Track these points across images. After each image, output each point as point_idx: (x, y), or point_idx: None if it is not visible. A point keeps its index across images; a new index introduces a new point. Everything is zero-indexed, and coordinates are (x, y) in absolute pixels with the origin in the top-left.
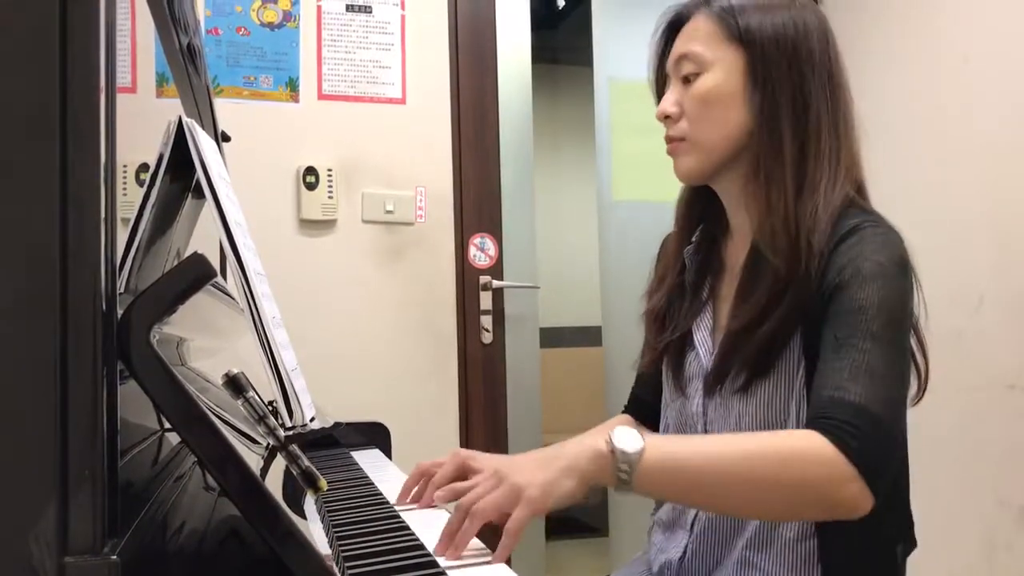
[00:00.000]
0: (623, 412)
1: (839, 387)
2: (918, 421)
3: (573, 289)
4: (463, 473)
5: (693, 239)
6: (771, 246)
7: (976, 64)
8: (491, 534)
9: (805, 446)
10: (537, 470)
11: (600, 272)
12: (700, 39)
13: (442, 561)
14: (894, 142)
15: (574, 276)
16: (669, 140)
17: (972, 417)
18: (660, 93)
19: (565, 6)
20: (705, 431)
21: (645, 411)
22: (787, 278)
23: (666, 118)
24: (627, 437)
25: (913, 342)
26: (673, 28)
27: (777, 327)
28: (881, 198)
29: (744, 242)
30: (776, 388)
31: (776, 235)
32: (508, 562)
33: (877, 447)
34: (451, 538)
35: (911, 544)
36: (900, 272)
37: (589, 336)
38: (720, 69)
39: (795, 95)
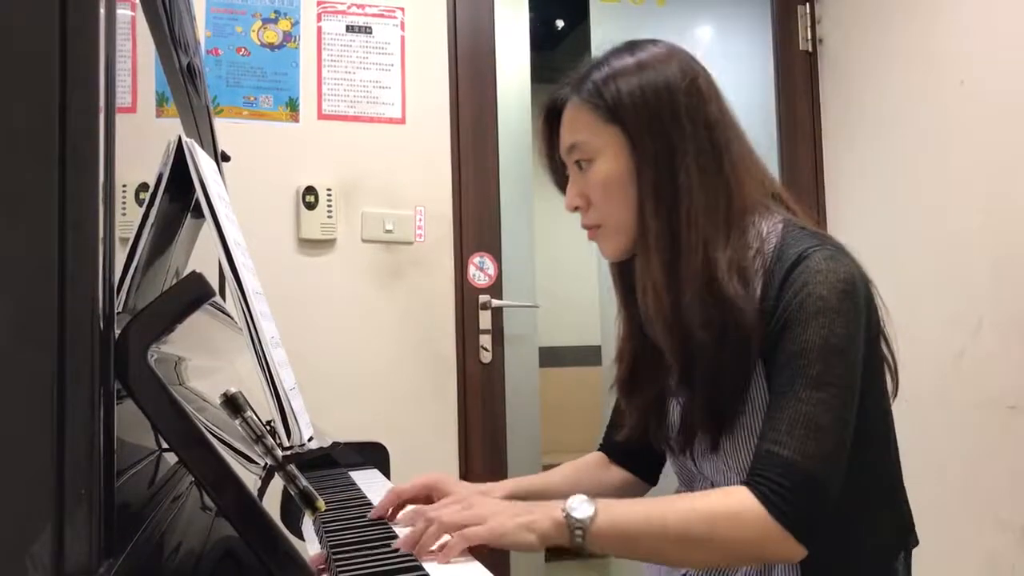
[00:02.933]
0: (599, 449)
1: (776, 441)
2: (918, 441)
3: (572, 308)
4: (429, 494)
5: None
6: (648, 327)
7: (972, 87)
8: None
9: (736, 507)
10: (505, 514)
11: (599, 291)
12: (581, 126)
13: None
14: (891, 164)
15: (573, 295)
16: (587, 227)
17: (973, 438)
18: (555, 175)
19: (564, 27)
20: (702, 474)
21: (617, 451)
22: (713, 343)
23: (575, 209)
24: (580, 505)
25: (883, 347)
26: (553, 117)
27: (719, 392)
28: (879, 220)
29: None
30: (754, 424)
31: (652, 307)
32: None
33: (805, 505)
34: (414, 543)
35: (914, 542)
36: (845, 299)
37: (588, 355)
38: (608, 153)
39: (661, 164)
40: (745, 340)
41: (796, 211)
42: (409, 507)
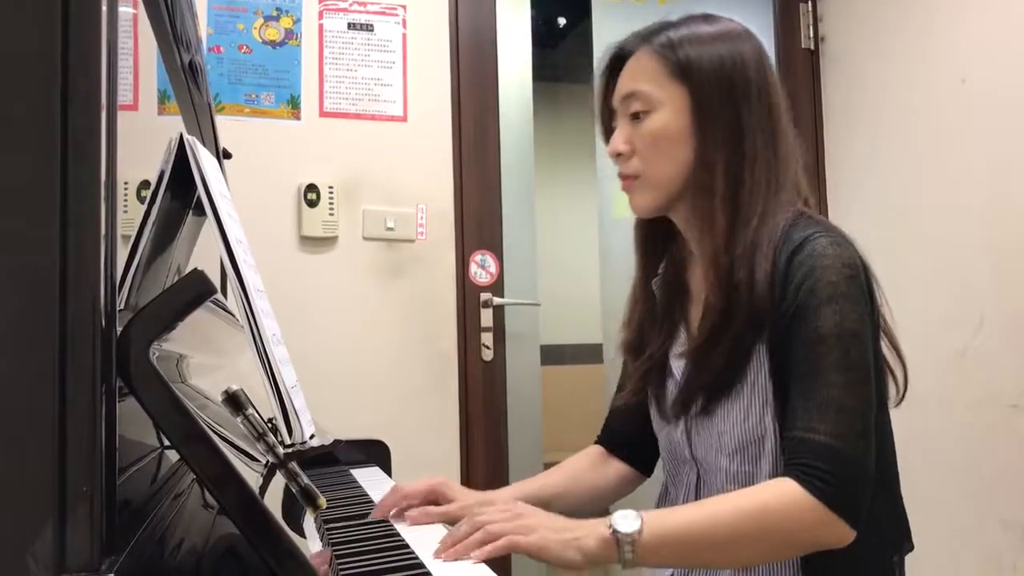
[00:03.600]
0: (595, 443)
1: (808, 428)
2: (920, 439)
3: (574, 306)
4: (434, 497)
5: (660, 270)
6: (709, 283)
7: (974, 85)
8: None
9: (784, 499)
10: (551, 529)
11: (601, 289)
12: (646, 77)
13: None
14: (893, 162)
15: (575, 293)
16: (623, 177)
17: (974, 437)
18: (606, 126)
19: (566, 25)
20: (691, 455)
21: (616, 442)
22: (727, 309)
23: (617, 155)
24: (625, 519)
25: (886, 346)
26: (616, 63)
27: (730, 354)
28: (881, 218)
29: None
30: (750, 404)
31: (710, 272)
32: None
33: (850, 486)
34: (454, 543)
35: (908, 547)
36: (852, 284)
37: (590, 354)
38: (668, 108)
39: (731, 130)
40: (756, 312)
41: (811, 205)
42: (414, 510)
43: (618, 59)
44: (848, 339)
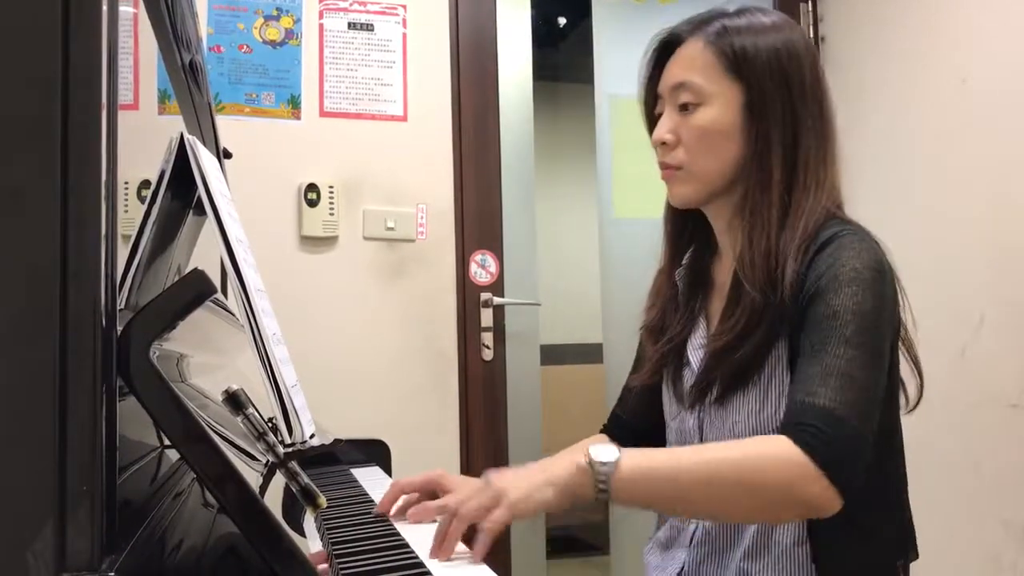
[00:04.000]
0: (600, 431)
1: (809, 392)
2: (920, 440)
3: (574, 306)
4: (432, 489)
5: (684, 260)
6: (749, 278)
7: (974, 85)
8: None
9: (770, 450)
10: (520, 479)
11: (601, 289)
12: (698, 68)
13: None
14: (893, 162)
15: (575, 293)
16: (664, 166)
17: (974, 437)
18: (649, 113)
19: (566, 24)
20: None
21: (623, 431)
22: (764, 305)
23: (662, 144)
24: (603, 451)
25: (902, 353)
26: (666, 49)
27: (753, 349)
28: (881, 218)
29: (731, 262)
30: (766, 398)
31: (755, 267)
32: None
33: (841, 446)
34: (441, 540)
35: (913, 556)
36: (876, 277)
37: (590, 353)
38: (719, 102)
39: (786, 129)
40: (782, 308)
41: (844, 215)
42: (416, 505)
43: (668, 45)
44: (863, 318)
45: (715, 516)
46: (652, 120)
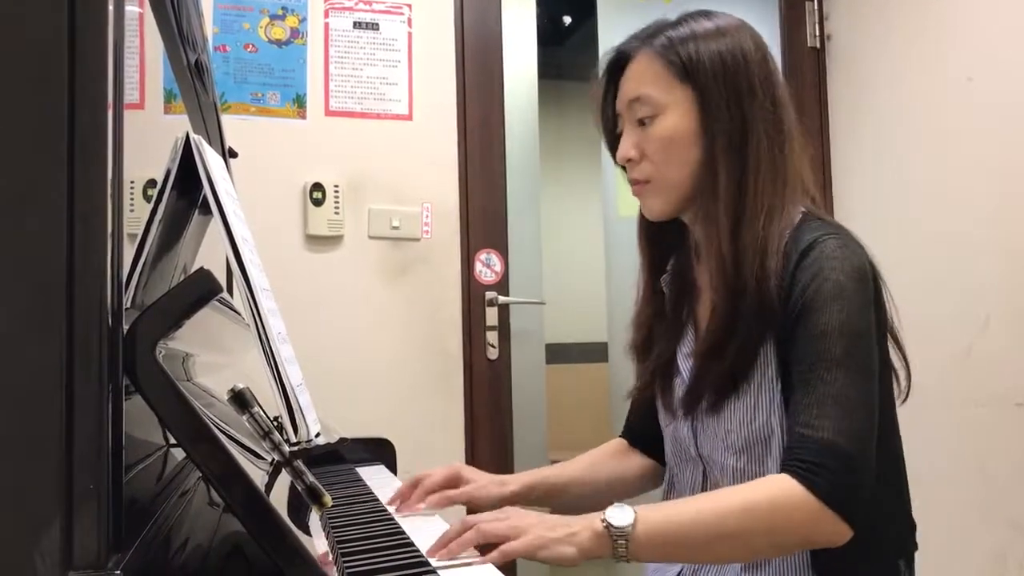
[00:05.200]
0: (620, 436)
1: (808, 424)
2: (926, 439)
3: (579, 305)
4: (455, 482)
5: (668, 267)
6: (714, 283)
7: (980, 84)
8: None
9: (779, 494)
10: (543, 527)
11: (606, 288)
12: (650, 80)
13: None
14: (899, 161)
15: (580, 292)
16: (634, 182)
17: (980, 435)
18: (609, 133)
19: (571, 23)
20: (698, 454)
21: (638, 437)
22: (735, 307)
23: (628, 161)
24: (619, 514)
25: (890, 346)
26: (616, 67)
27: (737, 354)
28: (886, 217)
29: None
30: (757, 403)
31: (715, 271)
32: None
33: (847, 483)
34: (446, 543)
35: (914, 548)
36: (859, 287)
37: (595, 353)
38: (675, 110)
39: (733, 130)
40: (765, 311)
41: (821, 207)
42: (434, 496)
43: (618, 63)
44: (852, 337)
45: (735, 561)
46: (612, 141)
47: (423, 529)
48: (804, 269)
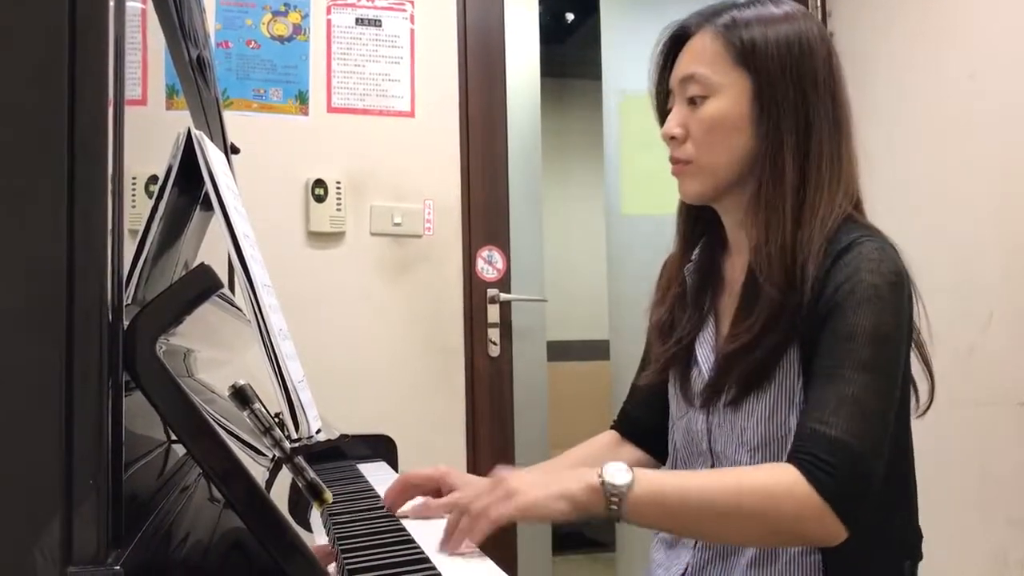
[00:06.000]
0: (611, 428)
1: (822, 420)
2: (928, 437)
3: (581, 303)
4: (438, 486)
5: (693, 256)
6: (766, 274)
7: (983, 81)
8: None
9: (779, 482)
10: (535, 485)
11: (608, 286)
12: (706, 60)
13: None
14: (901, 158)
15: (582, 290)
16: (675, 161)
17: (982, 434)
18: (661, 107)
19: (574, 20)
20: (710, 448)
21: (633, 427)
22: (782, 303)
23: (671, 139)
24: (617, 471)
25: (915, 357)
26: (676, 42)
27: (770, 350)
28: (889, 214)
29: (743, 259)
30: (776, 403)
31: (772, 263)
32: None
33: (851, 483)
34: (450, 535)
35: (919, 558)
36: (894, 290)
37: (597, 350)
38: (728, 94)
39: (799, 121)
40: (799, 310)
41: (862, 212)
42: (418, 499)
43: (678, 39)
44: (880, 341)
45: (723, 541)
46: (664, 116)
47: (424, 525)
48: (839, 269)
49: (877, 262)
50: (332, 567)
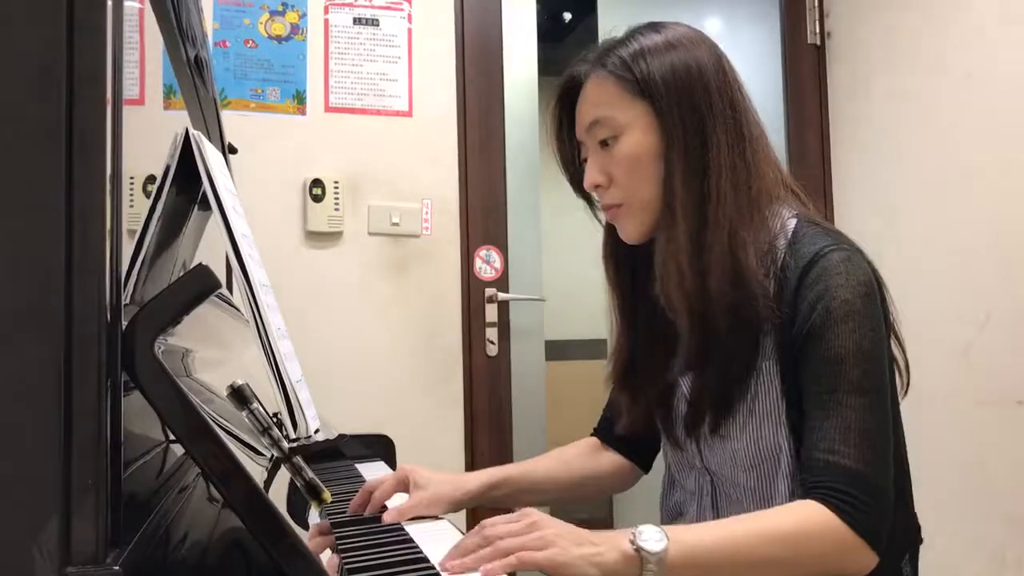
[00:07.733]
0: (592, 434)
1: (832, 450)
2: (926, 437)
3: (579, 302)
4: (405, 486)
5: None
6: (670, 304)
7: (980, 81)
8: None
9: (813, 522)
10: (568, 541)
11: (606, 285)
12: (606, 102)
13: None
14: (899, 158)
15: (580, 289)
16: (607, 207)
17: (980, 433)
18: (567, 162)
19: (572, 19)
20: (705, 467)
21: (613, 438)
22: (716, 326)
23: (596, 187)
24: (651, 537)
25: (892, 343)
26: (569, 94)
27: (721, 375)
28: (886, 215)
29: None
30: (762, 425)
31: (673, 294)
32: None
33: (877, 513)
34: (463, 555)
35: (919, 542)
36: (867, 302)
37: (595, 349)
38: (635, 128)
39: (690, 141)
40: (755, 326)
41: (808, 205)
42: (388, 512)
43: (572, 89)
44: (866, 359)
45: None
46: (571, 174)
47: (423, 526)
48: (808, 286)
49: (845, 275)
50: (328, 555)
